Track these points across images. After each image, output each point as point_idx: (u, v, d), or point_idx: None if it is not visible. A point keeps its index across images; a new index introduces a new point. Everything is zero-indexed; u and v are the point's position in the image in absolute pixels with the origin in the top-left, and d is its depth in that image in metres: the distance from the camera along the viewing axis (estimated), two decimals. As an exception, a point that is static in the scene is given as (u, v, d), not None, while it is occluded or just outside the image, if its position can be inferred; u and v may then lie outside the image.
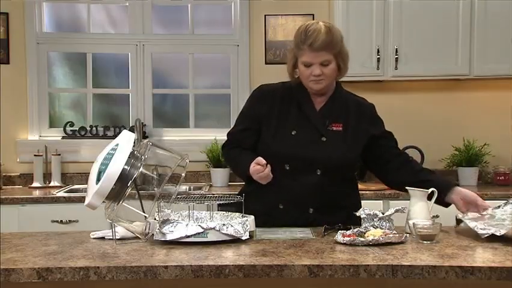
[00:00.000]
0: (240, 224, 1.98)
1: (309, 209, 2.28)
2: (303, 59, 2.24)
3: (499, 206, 2.19)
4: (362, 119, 2.37)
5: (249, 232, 2.02)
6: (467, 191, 2.22)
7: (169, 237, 1.92)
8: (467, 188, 3.70)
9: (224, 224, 1.96)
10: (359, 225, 2.10)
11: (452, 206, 2.26)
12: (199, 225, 1.93)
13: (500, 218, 2.09)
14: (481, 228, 1.98)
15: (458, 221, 2.18)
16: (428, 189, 2.16)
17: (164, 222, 1.95)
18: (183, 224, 1.94)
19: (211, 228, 1.93)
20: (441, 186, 2.21)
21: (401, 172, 2.36)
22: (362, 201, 3.41)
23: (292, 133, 2.29)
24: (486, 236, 1.95)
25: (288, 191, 2.27)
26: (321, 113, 2.33)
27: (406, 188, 2.19)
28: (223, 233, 1.93)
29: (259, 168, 2.18)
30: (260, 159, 2.19)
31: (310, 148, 2.27)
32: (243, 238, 1.96)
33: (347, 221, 2.19)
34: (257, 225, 2.08)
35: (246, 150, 2.34)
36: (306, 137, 2.28)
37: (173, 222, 1.95)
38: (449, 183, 2.28)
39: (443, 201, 2.23)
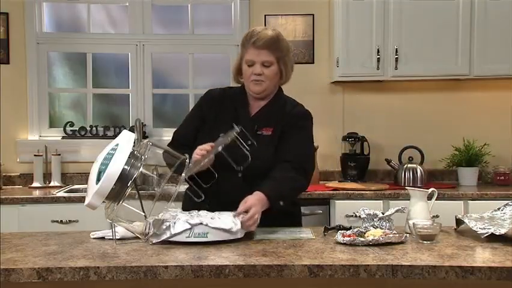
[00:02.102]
0: (229, 217, 1.98)
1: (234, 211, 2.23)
2: (247, 57, 2.31)
3: (498, 208, 2.20)
4: (290, 123, 2.34)
5: (249, 232, 2.02)
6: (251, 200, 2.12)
7: (162, 237, 1.93)
8: (467, 188, 3.77)
9: (212, 218, 1.96)
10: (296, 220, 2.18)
11: (452, 207, 2.25)
12: (187, 222, 1.93)
13: (500, 218, 2.10)
14: (480, 228, 1.98)
15: (458, 222, 2.18)
16: None
17: (157, 223, 1.95)
18: (171, 223, 1.94)
19: (199, 224, 1.92)
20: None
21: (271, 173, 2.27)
22: (361, 201, 3.47)
23: (220, 135, 2.25)
24: (486, 235, 1.95)
25: (212, 192, 2.25)
26: (253, 118, 2.36)
27: (406, 187, 2.19)
28: (211, 227, 1.93)
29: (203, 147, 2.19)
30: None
31: (233, 150, 2.21)
32: (234, 230, 1.95)
33: (282, 221, 2.21)
34: None
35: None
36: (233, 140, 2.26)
37: (165, 223, 1.95)
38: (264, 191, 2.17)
39: None
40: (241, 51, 2.36)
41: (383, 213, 2.08)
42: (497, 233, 1.93)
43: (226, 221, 1.97)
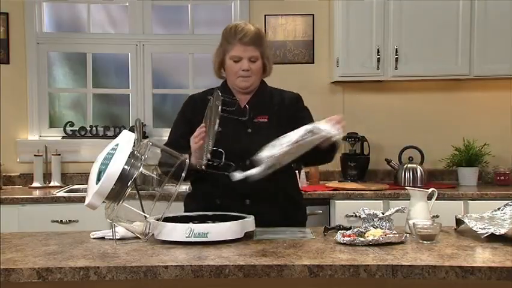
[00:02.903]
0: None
1: (246, 201, 2.30)
2: (233, 53, 2.33)
3: (498, 208, 2.19)
4: (285, 108, 2.42)
5: (249, 232, 2.02)
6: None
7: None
8: (467, 188, 3.77)
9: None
10: (302, 224, 2.18)
11: (452, 207, 2.25)
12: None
13: (500, 218, 2.10)
14: (480, 228, 1.98)
15: (458, 222, 2.18)
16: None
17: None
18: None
19: None
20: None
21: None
22: (361, 201, 3.47)
23: (219, 130, 2.26)
24: (486, 235, 1.95)
25: (222, 185, 2.27)
26: (245, 108, 2.38)
27: (406, 187, 2.19)
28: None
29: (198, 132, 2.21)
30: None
31: (237, 141, 2.30)
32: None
33: (288, 209, 2.26)
34: None
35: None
36: (233, 131, 2.32)
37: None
38: None
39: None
40: (225, 46, 2.37)
41: (383, 213, 2.08)
42: (497, 233, 1.92)
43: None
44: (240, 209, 2.24)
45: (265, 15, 4.18)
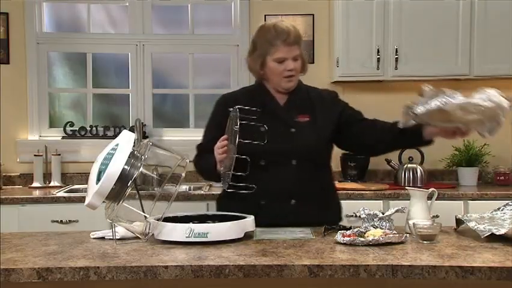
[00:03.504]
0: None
1: (291, 201, 2.30)
2: (277, 55, 2.31)
3: (498, 208, 2.19)
4: (326, 107, 2.43)
5: (249, 232, 2.02)
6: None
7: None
8: (467, 188, 3.77)
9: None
10: (340, 220, 2.17)
11: (452, 207, 2.25)
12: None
13: (500, 218, 2.10)
14: (480, 228, 1.98)
15: (458, 222, 2.18)
16: (406, 137, 2.21)
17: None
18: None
19: None
20: (414, 128, 2.27)
21: (378, 137, 2.39)
22: (362, 201, 3.47)
23: (261, 130, 2.29)
24: (486, 235, 1.95)
25: (267, 186, 2.27)
26: (285, 107, 2.38)
27: (406, 187, 2.19)
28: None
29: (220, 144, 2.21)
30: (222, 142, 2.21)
31: (281, 141, 2.31)
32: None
33: (329, 213, 2.26)
34: None
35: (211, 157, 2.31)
36: (276, 131, 2.31)
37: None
38: (419, 125, 2.28)
39: (422, 140, 2.27)
40: (266, 48, 2.32)
41: (383, 213, 2.08)
42: (497, 233, 1.93)
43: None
44: (285, 210, 2.26)
45: (265, 15, 4.18)
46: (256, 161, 2.28)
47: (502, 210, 2.17)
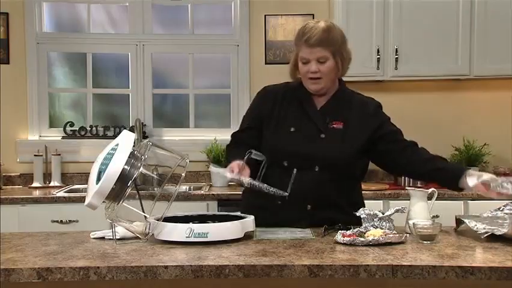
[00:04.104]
0: None
1: (307, 206, 2.27)
2: (301, 55, 2.27)
3: (499, 208, 2.19)
4: (364, 117, 2.35)
5: (249, 232, 2.02)
6: (482, 174, 2.17)
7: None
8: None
9: None
10: (359, 225, 2.10)
11: (452, 207, 2.25)
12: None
13: (500, 218, 2.09)
14: (480, 228, 1.98)
15: (458, 222, 2.18)
16: (440, 176, 2.18)
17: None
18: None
19: None
20: (453, 172, 2.21)
21: (411, 164, 2.35)
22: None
23: (291, 130, 2.29)
24: (486, 235, 1.95)
25: (285, 187, 2.25)
26: (321, 111, 2.33)
27: (406, 187, 2.19)
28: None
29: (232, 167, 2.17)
30: (234, 165, 2.16)
31: (308, 145, 2.27)
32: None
33: (346, 220, 2.18)
34: (257, 221, 2.08)
35: (240, 148, 2.29)
36: (305, 133, 2.28)
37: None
38: (461, 168, 2.25)
39: (456, 187, 2.20)
40: (296, 48, 2.31)
41: (383, 213, 2.08)
42: (497, 233, 1.92)
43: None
44: (300, 214, 2.24)
45: (265, 15, 4.18)
46: (279, 161, 2.27)
47: (502, 210, 2.17)
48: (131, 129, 4.02)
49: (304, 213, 2.26)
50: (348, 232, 1.99)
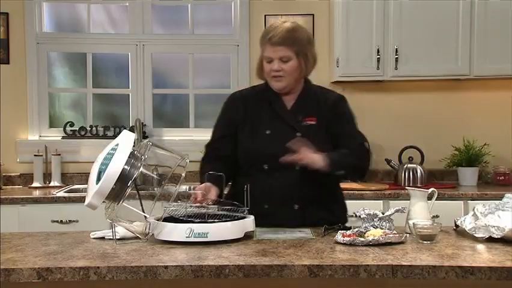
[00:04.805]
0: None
1: (294, 205, 2.28)
2: (264, 54, 2.30)
3: (496, 208, 2.16)
4: (327, 109, 2.37)
5: (249, 232, 2.03)
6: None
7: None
8: (467, 188, 3.77)
9: None
10: (345, 221, 2.14)
11: (452, 207, 2.24)
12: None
13: (501, 209, 2.07)
14: (479, 231, 1.98)
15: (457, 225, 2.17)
16: None
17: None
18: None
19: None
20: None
21: None
22: (362, 201, 3.47)
23: (267, 132, 2.31)
24: (484, 238, 1.95)
25: (270, 190, 2.27)
26: (292, 110, 2.35)
27: (406, 187, 2.19)
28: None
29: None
30: (198, 194, 2.18)
31: (286, 145, 2.27)
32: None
33: (332, 220, 2.21)
34: None
35: (213, 163, 2.31)
36: (281, 134, 2.29)
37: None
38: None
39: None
40: (261, 47, 2.34)
41: (383, 213, 2.08)
42: (496, 237, 1.92)
43: None
44: (289, 214, 2.25)
45: (265, 15, 4.18)
46: (260, 165, 2.29)
47: (502, 208, 2.13)
48: (131, 129, 4.02)
49: (293, 213, 2.27)
50: (348, 232, 2.00)
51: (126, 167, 1.91)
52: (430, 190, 2.18)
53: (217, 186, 2.24)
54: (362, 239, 1.92)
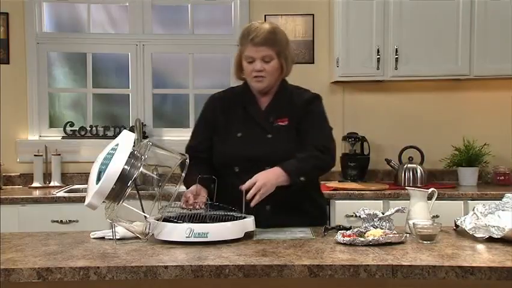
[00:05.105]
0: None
1: (265, 207, 2.23)
2: (246, 54, 2.30)
3: (496, 208, 2.17)
4: (302, 109, 2.36)
5: (249, 232, 2.03)
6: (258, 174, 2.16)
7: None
8: (467, 188, 3.76)
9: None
10: (324, 223, 2.16)
11: (452, 207, 2.24)
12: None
13: (499, 216, 2.07)
14: (479, 231, 1.98)
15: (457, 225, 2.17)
16: None
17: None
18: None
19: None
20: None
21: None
22: (361, 201, 3.47)
23: (238, 135, 2.32)
24: (484, 238, 1.95)
25: (238, 192, 2.21)
26: (265, 111, 2.36)
27: (406, 187, 2.19)
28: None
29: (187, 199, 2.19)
30: (189, 197, 2.19)
31: (256, 147, 2.29)
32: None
33: (310, 216, 2.24)
34: None
35: (198, 166, 2.28)
36: (252, 137, 2.31)
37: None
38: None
39: None
40: (240, 47, 2.35)
41: (383, 213, 2.08)
42: (496, 237, 1.92)
43: None
44: (261, 216, 2.20)
45: (265, 15, 4.18)
46: (231, 167, 2.30)
47: (502, 208, 2.13)
48: (131, 129, 4.02)
49: (265, 214, 2.22)
50: (348, 232, 2.00)
51: (126, 167, 1.91)
52: (430, 190, 2.18)
53: (207, 189, 2.24)
54: (362, 239, 1.92)
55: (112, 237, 2.02)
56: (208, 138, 2.38)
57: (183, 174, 2.02)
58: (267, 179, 2.13)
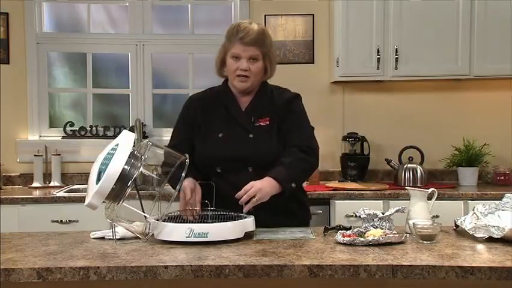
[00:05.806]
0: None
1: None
2: (233, 51, 2.29)
3: (496, 208, 2.17)
4: (282, 109, 2.35)
5: (249, 232, 2.03)
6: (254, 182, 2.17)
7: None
8: (467, 188, 3.77)
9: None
10: (307, 224, 2.18)
11: (452, 207, 2.24)
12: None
13: (500, 209, 2.07)
14: (479, 231, 1.98)
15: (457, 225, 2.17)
16: None
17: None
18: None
19: None
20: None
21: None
22: (361, 201, 3.47)
23: (219, 135, 2.32)
24: (484, 238, 1.95)
25: (223, 193, 2.24)
26: (246, 111, 2.35)
27: (406, 187, 2.19)
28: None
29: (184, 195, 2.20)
30: (187, 191, 2.19)
31: (238, 147, 2.28)
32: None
33: (294, 217, 2.24)
34: None
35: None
36: (234, 137, 2.30)
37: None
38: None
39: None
40: (226, 44, 2.33)
41: (383, 213, 2.08)
42: (496, 237, 1.92)
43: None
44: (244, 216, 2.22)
45: (265, 15, 4.18)
46: (213, 168, 2.30)
47: (502, 208, 2.14)
48: (131, 129, 4.02)
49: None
50: (348, 232, 2.00)
51: (126, 167, 1.91)
52: (430, 190, 2.18)
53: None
54: (362, 239, 1.92)
55: (112, 237, 2.02)
56: (189, 138, 2.37)
57: (183, 175, 2.02)
58: (262, 186, 2.13)
